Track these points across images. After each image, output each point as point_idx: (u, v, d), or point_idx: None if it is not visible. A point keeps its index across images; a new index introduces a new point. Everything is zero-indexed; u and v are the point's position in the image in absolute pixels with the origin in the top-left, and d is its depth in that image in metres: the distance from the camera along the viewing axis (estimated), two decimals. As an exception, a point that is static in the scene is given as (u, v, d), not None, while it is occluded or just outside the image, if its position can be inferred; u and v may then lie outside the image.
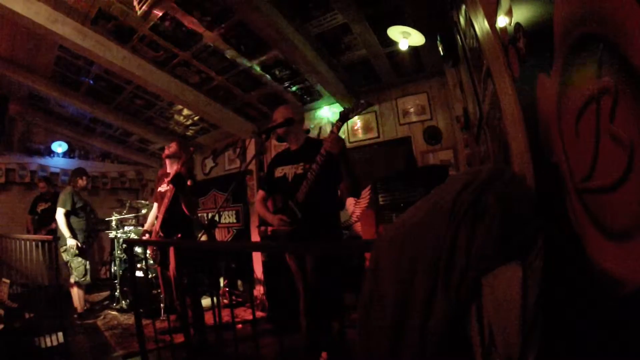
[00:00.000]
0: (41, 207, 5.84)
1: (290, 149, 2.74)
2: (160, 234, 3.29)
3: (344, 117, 2.33)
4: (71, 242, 4.54)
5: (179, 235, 3.31)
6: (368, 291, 1.16)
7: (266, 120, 6.11)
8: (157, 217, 3.39)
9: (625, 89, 0.59)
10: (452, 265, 0.98)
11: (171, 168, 3.47)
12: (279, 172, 2.66)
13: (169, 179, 3.38)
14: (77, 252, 4.60)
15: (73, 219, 4.76)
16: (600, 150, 0.70)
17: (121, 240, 5.40)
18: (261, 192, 2.80)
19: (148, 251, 3.77)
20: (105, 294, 5.98)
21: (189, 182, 3.33)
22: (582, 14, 0.70)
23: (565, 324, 0.97)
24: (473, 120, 2.98)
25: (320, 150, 2.32)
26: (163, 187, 3.44)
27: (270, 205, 2.79)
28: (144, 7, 3.44)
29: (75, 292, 4.67)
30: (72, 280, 4.65)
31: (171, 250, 3.27)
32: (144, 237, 3.70)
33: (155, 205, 3.65)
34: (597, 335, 0.83)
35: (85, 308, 4.86)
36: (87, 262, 4.82)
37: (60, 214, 4.63)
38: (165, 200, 3.24)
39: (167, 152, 3.50)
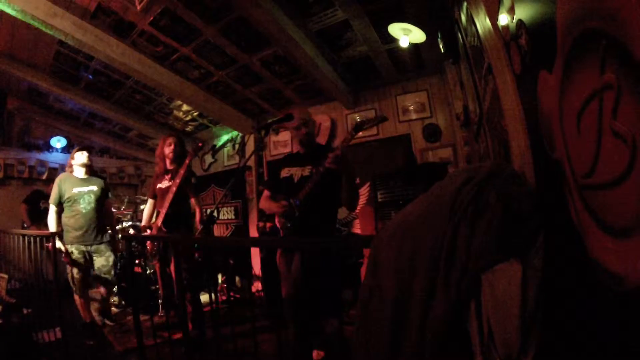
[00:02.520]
0: (44, 204, 5.87)
1: (300, 152, 2.75)
2: (163, 229, 3.29)
3: (358, 128, 2.36)
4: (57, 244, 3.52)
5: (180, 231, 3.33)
6: (367, 287, 1.15)
7: (266, 116, 6.11)
8: (158, 213, 3.39)
9: (628, 85, 0.58)
10: (452, 262, 0.98)
11: (171, 164, 3.47)
12: (285, 172, 2.67)
13: (169, 175, 3.40)
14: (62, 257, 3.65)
15: (64, 214, 3.83)
16: (602, 146, 0.70)
17: (119, 235, 5.40)
18: (266, 192, 2.80)
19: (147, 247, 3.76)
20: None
21: (192, 180, 3.39)
22: (585, 10, 0.69)
23: (565, 322, 0.97)
24: (473, 118, 2.98)
25: (329, 155, 2.33)
26: (164, 184, 3.43)
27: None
28: (144, 2, 3.42)
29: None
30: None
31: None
32: (144, 234, 3.70)
33: (151, 201, 3.64)
34: (598, 333, 0.83)
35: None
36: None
37: (49, 211, 3.82)
38: (170, 195, 3.24)
39: (170, 154, 3.47)
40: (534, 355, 0.87)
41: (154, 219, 3.53)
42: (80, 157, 3.87)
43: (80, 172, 3.90)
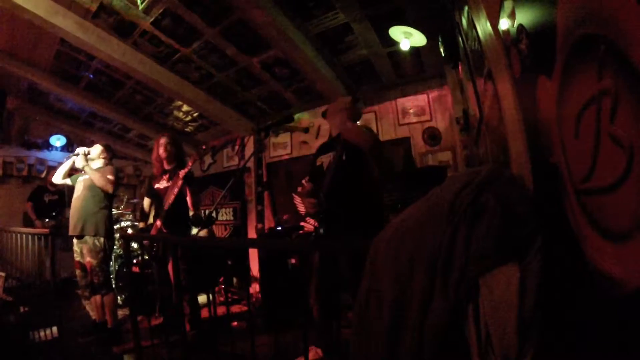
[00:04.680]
0: (48, 197, 5.96)
1: (331, 138, 2.75)
2: (163, 229, 3.28)
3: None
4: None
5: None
6: (365, 290, 1.15)
7: (265, 118, 6.11)
8: (157, 214, 3.38)
9: (626, 90, 0.59)
10: (450, 265, 0.98)
11: (169, 165, 3.45)
12: (319, 161, 2.68)
13: (167, 176, 3.39)
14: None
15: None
16: (600, 151, 0.70)
17: (117, 235, 5.38)
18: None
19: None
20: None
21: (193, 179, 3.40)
22: (584, 14, 0.70)
23: (564, 325, 0.97)
24: (473, 122, 2.98)
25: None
26: (162, 184, 3.42)
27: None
28: (145, 2, 3.43)
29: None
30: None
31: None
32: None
33: (147, 200, 3.63)
34: (596, 336, 0.83)
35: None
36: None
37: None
38: (172, 197, 3.23)
39: (164, 153, 3.44)
40: (532, 358, 0.87)
41: (151, 219, 3.52)
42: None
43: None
